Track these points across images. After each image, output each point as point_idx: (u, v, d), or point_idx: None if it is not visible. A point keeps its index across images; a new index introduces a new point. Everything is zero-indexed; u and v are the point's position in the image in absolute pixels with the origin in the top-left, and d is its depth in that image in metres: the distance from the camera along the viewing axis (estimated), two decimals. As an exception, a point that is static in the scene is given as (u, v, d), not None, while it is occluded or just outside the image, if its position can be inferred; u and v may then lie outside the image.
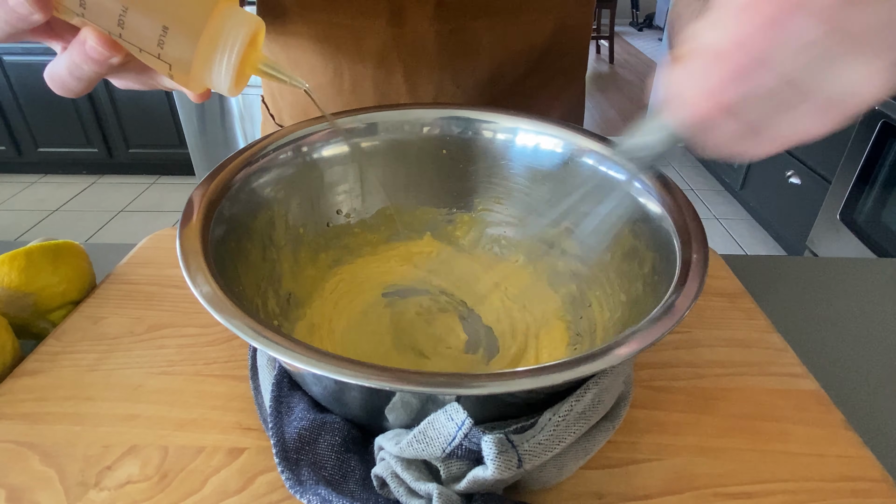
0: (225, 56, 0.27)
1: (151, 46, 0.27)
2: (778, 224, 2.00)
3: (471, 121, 0.47)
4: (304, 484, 0.28)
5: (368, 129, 0.46)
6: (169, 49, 0.27)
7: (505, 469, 0.25)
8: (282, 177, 0.41)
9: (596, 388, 0.28)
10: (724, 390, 0.37)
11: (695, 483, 0.31)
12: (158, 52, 0.27)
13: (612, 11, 4.03)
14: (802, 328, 0.45)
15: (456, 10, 0.49)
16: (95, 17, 0.26)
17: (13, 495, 0.30)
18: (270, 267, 0.40)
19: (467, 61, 0.53)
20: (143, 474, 0.31)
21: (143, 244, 0.52)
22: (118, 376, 0.37)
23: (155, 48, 0.27)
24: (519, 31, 0.52)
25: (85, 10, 0.26)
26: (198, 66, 0.27)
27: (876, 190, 1.50)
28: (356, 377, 0.23)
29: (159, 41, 0.26)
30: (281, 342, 0.24)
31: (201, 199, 0.34)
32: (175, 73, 0.28)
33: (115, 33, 0.26)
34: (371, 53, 0.52)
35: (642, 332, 0.26)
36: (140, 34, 0.26)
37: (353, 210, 0.47)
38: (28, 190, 2.39)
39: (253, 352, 0.38)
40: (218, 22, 0.27)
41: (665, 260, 0.33)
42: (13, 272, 0.39)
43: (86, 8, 0.26)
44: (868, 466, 0.32)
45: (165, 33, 0.26)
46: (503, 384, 0.23)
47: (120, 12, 0.26)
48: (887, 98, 1.13)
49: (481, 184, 0.48)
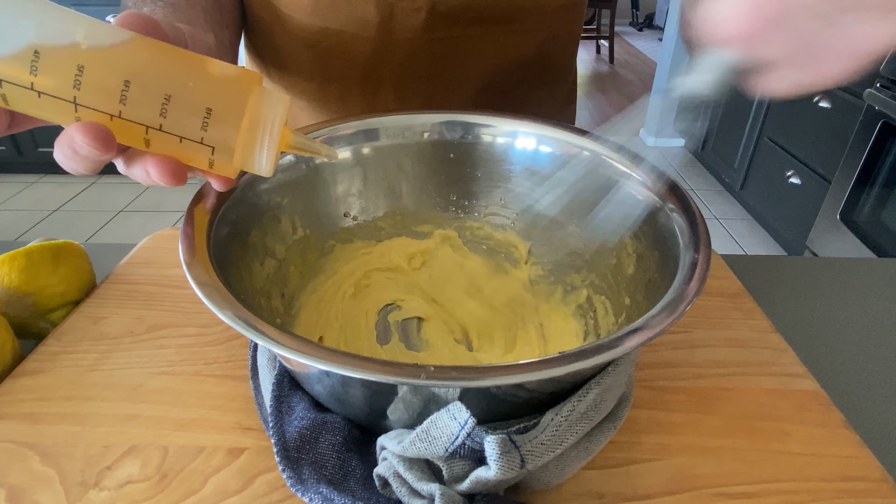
0: (267, 136, 0.27)
1: (195, 131, 0.26)
2: (778, 224, 2.00)
3: (471, 125, 0.47)
4: (306, 483, 0.28)
5: (370, 133, 0.46)
6: (213, 131, 0.26)
7: (508, 469, 0.25)
8: (286, 180, 0.42)
9: (598, 388, 0.28)
10: (724, 390, 0.37)
11: (695, 483, 0.31)
12: (202, 136, 0.26)
13: (612, 11, 4.03)
14: (802, 328, 0.45)
15: (448, 19, 0.48)
16: (135, 112, 0.25)
17: (13, 495, 0.30)
18: (275, 267, 0.40)
19: (457, 70, 0.52)
20: (143, 474, 0.31)
21: (143, 244, 0.52)
22: (118, 376, 0.37)
23: (198, 132, 0.26)
24: (510, 40, 0.51)
25: (123, 108, 0.25)
26: (240, 148, 0.27)
27: (876, 190, 1.50)
28: (360, 371, 0.23)
29: (203, 124, 0.26)
30: (281, 338, 0.24)
31: (205, 200, 0.34)
32: (217, 156, 0.27)
33: (154, 125, 0.26)
34: (360, 61, 0.51)
35: (642, 329, 0.26)
36: (183, 120, 0.26)
37: (360, 212, 0.47)
38: (28, 190, 2.39)
39: (253, 352, 0.38)
40: (255, 103, 0.27)
41: (667, 260, 0.33)
42: (13, 272, 0.39)
43: (125, 105, 0.25)
44: (868, 466, 0.32)
45: (209, 115, 0.26)
46: (510, 376, 0.23)
47: (163, 101, 0.25)
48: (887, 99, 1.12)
49: (485, 186, 0.48)
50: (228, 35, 0.44)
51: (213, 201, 0.34)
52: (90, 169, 0.27)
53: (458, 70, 0.52)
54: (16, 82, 0.24)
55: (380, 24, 0.48)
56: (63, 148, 0.25)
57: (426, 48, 0.50)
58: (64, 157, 0.26)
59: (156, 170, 0.27)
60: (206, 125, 0.26)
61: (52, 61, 0.24)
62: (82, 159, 0.26)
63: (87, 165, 0.27)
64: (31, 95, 0.24)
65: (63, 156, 0.26)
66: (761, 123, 2.05)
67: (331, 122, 0.45)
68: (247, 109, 0.27)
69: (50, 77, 0.24)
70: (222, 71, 0.27)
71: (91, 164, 0.26)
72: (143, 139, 0.26)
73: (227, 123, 0.26)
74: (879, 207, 1.49)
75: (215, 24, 0.41)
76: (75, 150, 0.25)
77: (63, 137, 0.25)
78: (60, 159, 0.26)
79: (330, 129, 0.44)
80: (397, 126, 0.46)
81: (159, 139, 0.26)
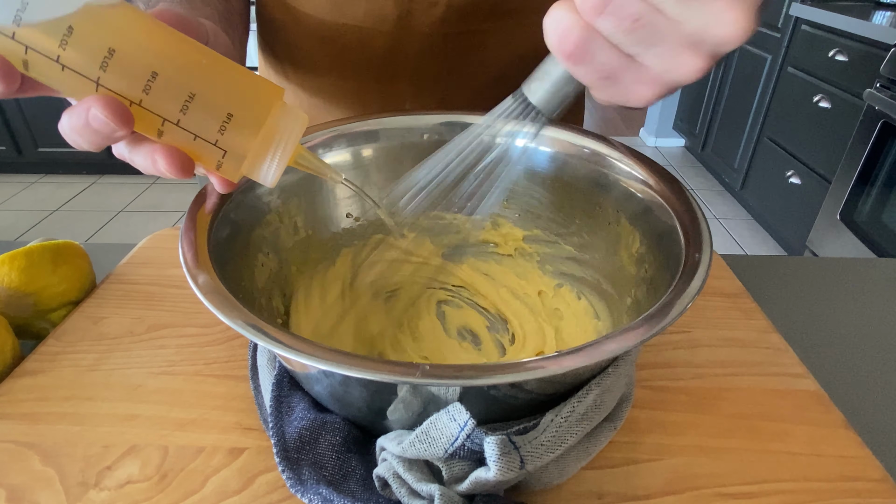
0: (279, 151, 0.28)
1: (211, 133, 0.26)
2: (778, 224, 2.00)
3: (470, 125, 0.46)
4: (305, 483, 0.28)
5: (371, 135, 0.46)
6: (229, 136, 0.26)
7: (507, 470, 0.25)
8: (288, 182, 0.41)
9: (598, 388, 0.28)
10: (724, 390, 0.37)
11: (695, 483, 0.31)
12: (217, 139, 0.26)
13: (611, 11, 4.03)
14: (802, 328, 0.45)
15: (464, 14, 0.49)
16: (156, 103, 0.25)
17: (13, 495, 0.30)
18: (276, 268, 0.40)
19: (473, 64, 0.53)
20: (143, 474, 0.31)
21: (143, 244, 0.52)
22: (118, 376, 0.37)
23: (215, 134, 0.26)
24: (525, 33, 0.52)
25: (145, 98, 0.25)
26: (251, 157, 0.27)
27: (876, 190, 1.50)
28: (358, 370, 0.23)
29: (221, 127, 0.26)
30: (280, 337, 0.24)
31: (206, 201, 0.34)
32: (227, 160, 0.27)
33: (173, 119, 0.26)
34: (377, 56, 0.52)
35: (642, 328, 0.26)
36: (203, 120, 0.26)
37: (362, 213, 0.47)
38: (28, 190, 2.39)
39: (253, 351, 0.38)
40: (276, 117, 0.27)
41: (668, 259, 0.33)
42: (13, 272, 0.39)
43: (148, 94, 0.25)
44: (868, 466, 0.32)
45: (229, 120, 0.26)
46: (507, 375, 0.23)
47: (186, 98, 0.25)
48: (887, 99, 1.11)
49: (487, 188, 0.48)
50: (238, 36, 0.45)
51: (214, 202, 0.34)
52: (96, 145, 0.26)
53: (473, 63, 0.53)
54: (42, 51, 0.24)
55: (397, 19, 0.49)
56: (75, 118, 0.25)
57: (442, 42, 0.51)
58: (72, 128, 0.25)
59: (164, 160, 0.26)
60: (224, 129, 0.26)
61: (84, 39, 0.24)
62: (93, 133, 0.25)
63: (94, 141, 0.26)
64: (54, 67, 0.24)
65: (72, 127, 0.25)
66: (761, 123, 2.05)
67: (331, 123, 0.45)
68: (267, 121, 0.27)
69: (78, 53, 0.24)
70: (250, 79, 0.27)
71: (100, 140, 0.26)
72: (157, 130, 0.26)
73: (245, 131, 0.27)
74: (879, 207, 1.49)
75: (227, 25, 0.42)
76: (88, 122, 0.24)
77: (79, 107, 0.24)
78: (67, 131, 0.26)
79: (331, 131, 0.44)
80: (398, 127, 0.46)
81: (173, 133, 0.26)
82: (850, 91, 1.60)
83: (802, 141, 1.84)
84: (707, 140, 2.49)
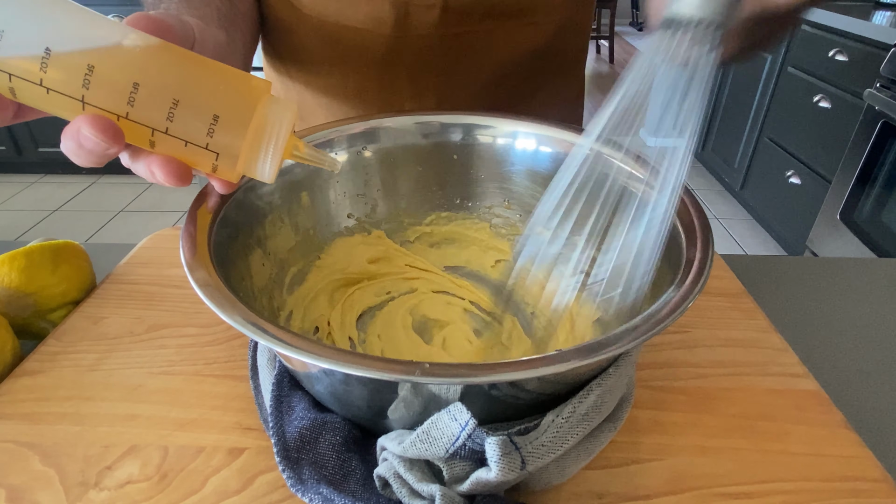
0: (272, 145, 0.27)
1: (200, 136, 0.26)
2: (778, 224, 2.00)
3: (471, 126, 0.47)
4: (306, 483, 0.28)
5: (372, 135, 0.46)
6: (219, 137, 0.26)
7: (508, 471, 0.25)
8: (288, 181, 0.41)
9: (599, 389, 0.28)
10: (724, 390, 0.37)
11: (695, 483, 0.31)
12: (207, 142, 0.26)
13: (612, 11, 4.03)
14: (802, 328, 0.45)
15: (461, 15, 0.49)
16: (142, 114, 0.25)
17: (13, 495, 0.30)
18: (277, 267, 0.40)
19: (471, 64, 0.53)
20: (143, 474, 0.31)
21: (143, 244, 0.52)
22: (118, 376, 0.37)
23: (204, 138, 0.26)
24: (523, 32, 0.52)
25: (131, 110, 0.25)
26: (244, 155, 0.27)
27: (876, 190, 1.50)
28: (358, 368, 0.23)
29: (209, 130, 0.26)
30: (281, 335, 0.24)
31: (206, 201, 0.34)
32: (221, 162, 0.27)
33: (161, 127, 0.26)
34: (377, 57, 0.52)
35: (642, 327, 0.26)
36: (189, 125, 0.26)
37: (363, 213, 0.47)
38: (28, 190, 2.39)
39: (253, 351, 0.38)
40: (263, 111, 0.27)
41: (669, 258, 0.33)
42: (13, 272, 0.39)
43: (133, 106, 0.25)
44: (868, 466, 0.32)
45: (216, 122, 0.26)
46: (507, 374, 0.23)
47: (171, 105, 0.25)
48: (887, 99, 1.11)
49: (489, 188, 0.48)
50: (241, 37, 0.45)
51: (214, 202, 0.34)
52: (96, 162, 0.27)
53: (471, 64, 0.53)
54: (25, 77, 0.24)
55: (395, 21, 0.49)
56: (69, 140, 0.25)
57: (440, 44, 0.51)
58: (68, 150, 0.26)
59: (161, 171, 0.27)
60: (212, 131, 0.26)
61: (62, 59, 0.24)
62: (87, 153, 0.26)
63: (92, 159, 0.26)
64: (39, 91, 0.24)
65: (67, 149, 0.26)
66: (761, 123, 2.05)
67: (332, 123, 0.45)
68: (254, 117, 0.27)
69: (59, 74, 0.24)
70: (233, 77, 0.27)
71: (96, 158, 0.26)
72: (149, 140, 0.26)
73: (232, 131, 0.27)
74: (879, 207, 1.49)
75: (229, 25, 0.42)
76: (81, 142, 0.25)
77: (70, 129, 0.25)
78: (67, 151, 0.26)
79: (332, 132, 0.44)
80: (398, 128, 0.46)
81: (164, 141, 0.26)
82: (850, 91, 1.60)
83: (802, 141, 1.84)
84: (707, 140, 2.49)
